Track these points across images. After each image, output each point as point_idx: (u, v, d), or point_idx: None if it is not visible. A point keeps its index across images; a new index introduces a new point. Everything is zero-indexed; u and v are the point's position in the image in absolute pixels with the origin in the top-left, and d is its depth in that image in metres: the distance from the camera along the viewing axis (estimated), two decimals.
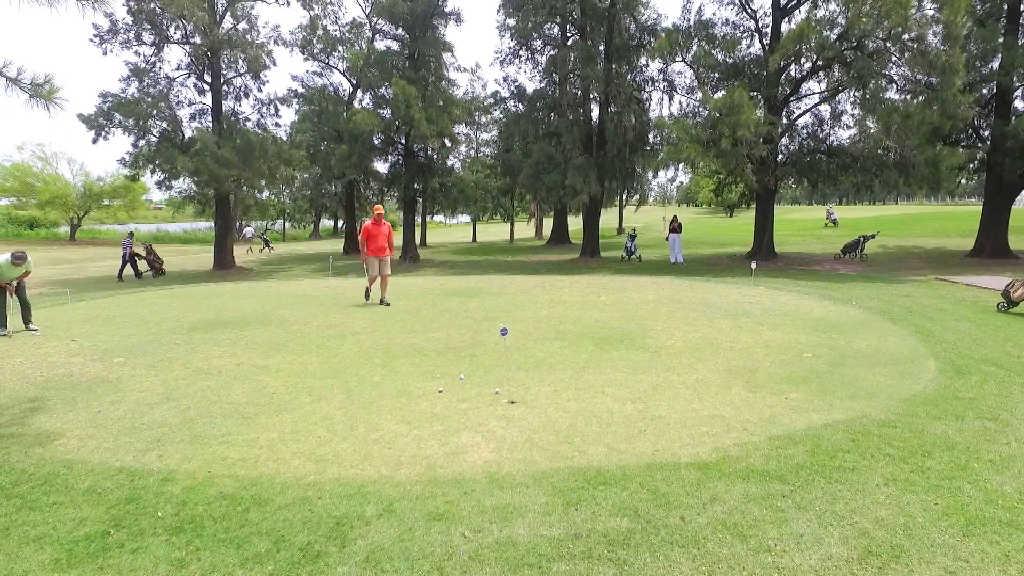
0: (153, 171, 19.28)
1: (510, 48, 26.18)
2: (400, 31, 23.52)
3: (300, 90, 27.09)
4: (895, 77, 17.13)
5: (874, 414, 4.84)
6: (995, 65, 18.70)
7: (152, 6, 18.68)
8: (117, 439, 4.73)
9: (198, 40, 19.60)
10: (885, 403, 5.11)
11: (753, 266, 13.51)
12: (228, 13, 20.87)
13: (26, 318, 9.46)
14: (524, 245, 35.89)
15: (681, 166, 18.01)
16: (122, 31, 20.21)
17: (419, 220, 31.49)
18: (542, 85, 25.79)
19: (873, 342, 7.43)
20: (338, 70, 27.71)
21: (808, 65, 18.58)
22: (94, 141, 19.08)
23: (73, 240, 42.17)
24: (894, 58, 16.64)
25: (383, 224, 10.76)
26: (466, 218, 52.07)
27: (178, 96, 20.80)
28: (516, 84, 32.23)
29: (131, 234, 19.36)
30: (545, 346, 7.52)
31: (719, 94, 19.56)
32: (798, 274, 16.89)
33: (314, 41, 26.33)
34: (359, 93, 27.47)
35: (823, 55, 17.31)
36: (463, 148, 24.93)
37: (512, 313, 9.98)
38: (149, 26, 19.91)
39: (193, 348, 7.82)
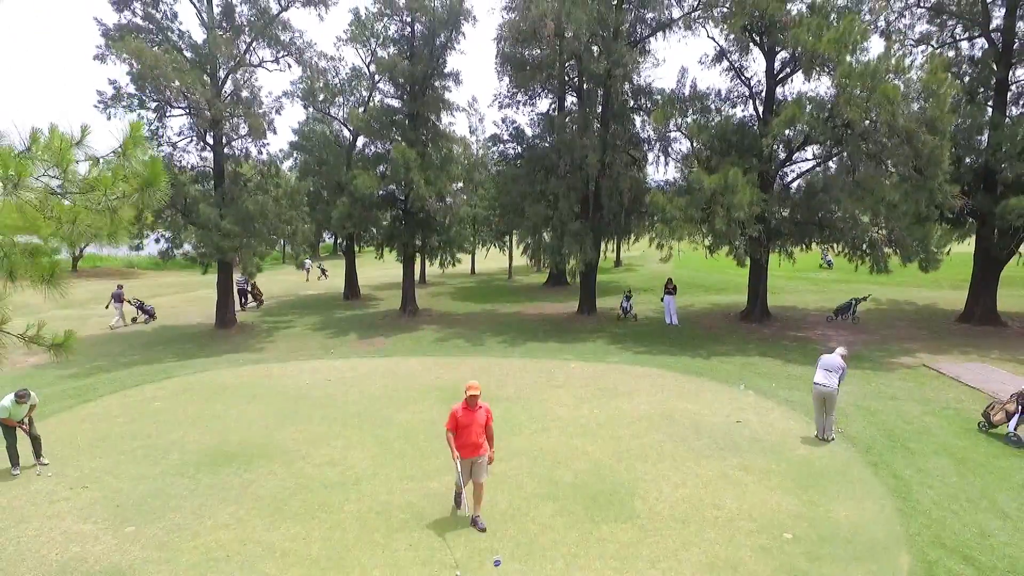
0: (157, 240, 19.61)
1: (508, 91, 26.51)
2: (400, 90, 23.88)
3: (301, 141, 27.43)
4: (884, 158, 17.49)
5: None
6: (985, 137, 19.08)
7: (155, 72, 18.91)
8: None
9: (200, 105, 19.86)
10: None
11: (741, 386, 13.50)
12: (229, 79, 21.20)
13: (37, 452, 9.77)
14: (523, 283, 36.19)
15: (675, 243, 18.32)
16: (125, 97, 20.55)
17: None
18: (538, 133, 26.11)
19: (852, 512, 7.74)
20: (338, 119, 28.07)
21: (801, 138, 18.95)
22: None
23: (75, 271, 42.37)
24: (883, 140, 16.98)
25: (478, 409, 7.57)
26: None
27: (180, 160, 21.12)
28: (515, 125, 32.70)
29: (244, 274, 22.87)
30: (538, 512, 7.83)
31: (713, 161, 19.94)
32: (789, 352, 17.23)
33: (315, 91, 26.65)
34: (359, 143, 27.81)
35: (814, 134, 17.68)
36: (463, 197, 25.14)
37: (506, 441, 10.28)
38: (152, 92, 20.22)
39: (200, 506, 8.13)
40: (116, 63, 19.73)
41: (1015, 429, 10.45)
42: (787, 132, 18.95)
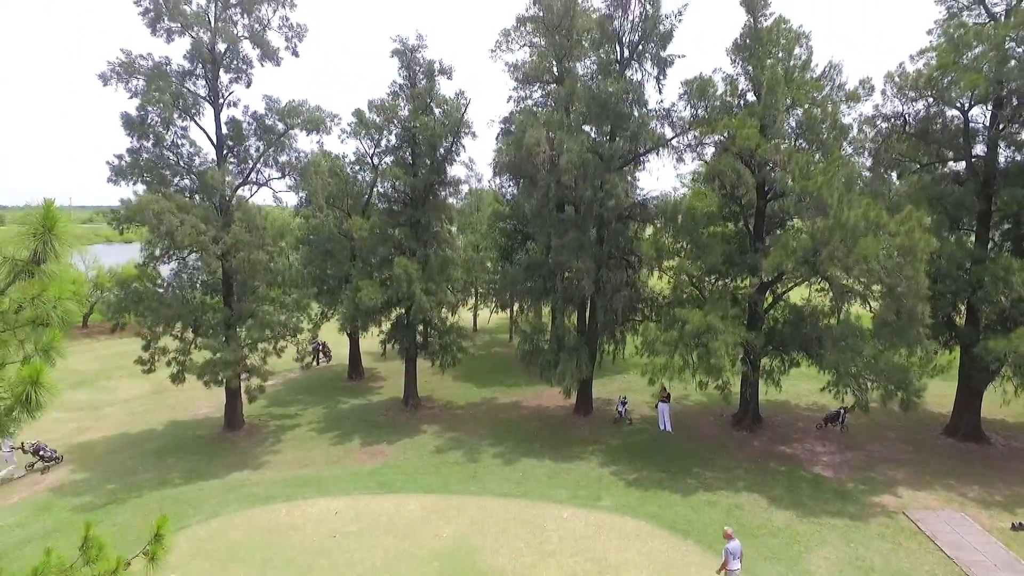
0: (169, 363, 20.44)
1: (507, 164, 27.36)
2: (402, 194, 24.73)
3: (308, 235, 28.33)
4: (868, 300, 18.17)
5: None
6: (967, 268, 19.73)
7: (164, 230, 19.51)
8: None
9: (207, 243, 20.44)
10: None
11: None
12: (235, 196, 22.04)
13: None
14: None
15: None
16: (137, 220, 21.40)
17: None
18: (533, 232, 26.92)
19: None
20: (341, 209, 28.85)
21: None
22: (112, 330, 20.20)
23: (84, 327, 43.19)
24: (863, 280, 17.67)
25: None
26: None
27: (192, 278, 21.96)
28: (514, 197, 33.51)
29: (316, 336, 26.31)
30: None
31: (705, 286, 20.64)
32: (775, 485, 17.92)
33: (319, 193, 27.44)
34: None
35: (800, 272, 18.39)
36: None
37: None
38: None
39: None
40: (126, 186, 20.73)
41: None
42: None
